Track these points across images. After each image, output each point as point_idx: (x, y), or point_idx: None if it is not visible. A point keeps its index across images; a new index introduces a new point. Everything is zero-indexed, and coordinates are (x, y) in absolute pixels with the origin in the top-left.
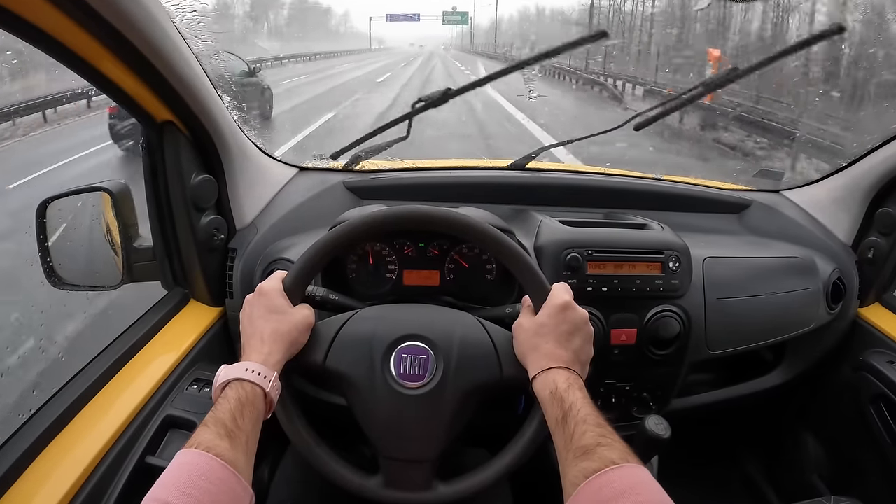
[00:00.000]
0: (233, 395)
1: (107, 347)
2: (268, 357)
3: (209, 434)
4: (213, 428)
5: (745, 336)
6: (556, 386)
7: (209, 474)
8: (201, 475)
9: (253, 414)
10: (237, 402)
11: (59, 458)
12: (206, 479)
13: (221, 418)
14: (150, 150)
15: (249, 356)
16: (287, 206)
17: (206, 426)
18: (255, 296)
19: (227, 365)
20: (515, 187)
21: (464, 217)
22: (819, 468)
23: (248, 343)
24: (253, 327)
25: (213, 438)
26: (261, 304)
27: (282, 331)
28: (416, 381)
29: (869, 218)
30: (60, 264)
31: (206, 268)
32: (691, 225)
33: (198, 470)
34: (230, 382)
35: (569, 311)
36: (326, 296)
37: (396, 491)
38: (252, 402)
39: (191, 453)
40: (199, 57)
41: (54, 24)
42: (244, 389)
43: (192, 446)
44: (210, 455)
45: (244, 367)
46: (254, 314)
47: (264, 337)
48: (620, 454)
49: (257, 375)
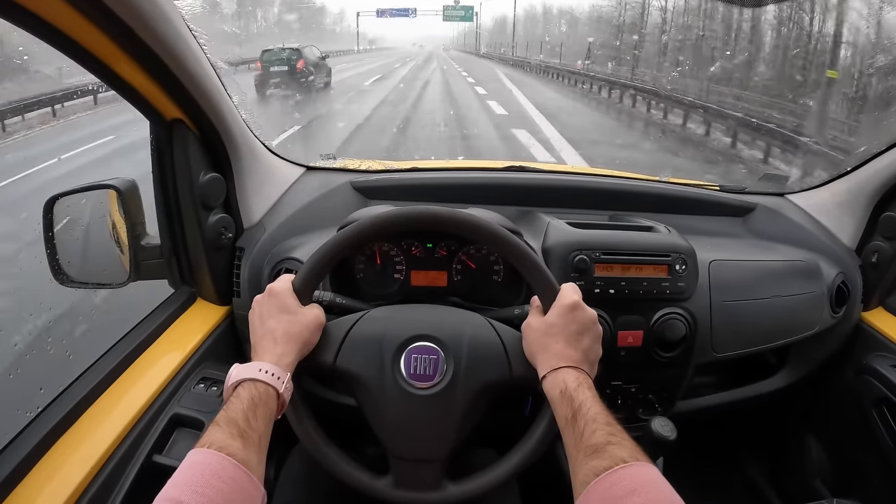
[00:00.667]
0: (245, 394)
1: (114, 346)
2: (281, 358)
3: (221, 434)
4: (225, 427)
5: (750, 339)
6: (566, 385)
7: (222, 473)
8: (214, 474)
9: (265, 414)
10: (250, 401)
11: (66, 456)
12: (219, 478)
13: (234, 418)
14: (158, 148)
15: (262, 356)
16: (295, 206)
17: (219, 425)
18: (266, 296)
19: (240, 364)
20: (522, 189)
21: (472, 217)
22: (821, 471)
23: (260, 343)
24: (264, 328)
25: (225, 438)
26: (272, 305)
27: (293, 331)
28: (427, 382)
29: (873, 222)
30: (69, 262)
31: (214, 266)
32: (696, 228)
33: (210, 469)
34: (243, 382)
35: (578, 310)
36: (333, 299)
37: (407, 491)
38: (265, 403)
39: (203, 452)
40: (209, 55)
41: (68, 20)
42: (257, 389)
43: (205, 446)
44: (222, 454)
45: (257, 366)
46: (264, 315)
47: (276, 337)
48: (630, 452)
49: (270, 376)
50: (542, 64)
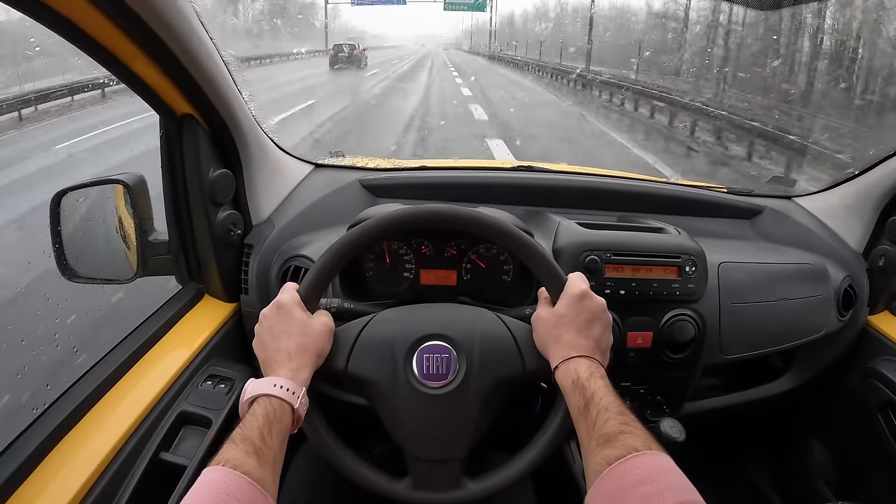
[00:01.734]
0: (261, 411)
1: (121, 342)
2: (296, 373)
3: (237, 452)
4: (241, 445)
5: (758, 341)
6: (578, 375)
7: (237, 492)
8: (229, 493)
9: (280, 431)
10: (265, 418)
11: (73, 453)
12: (235, 497)
13: (249, 436)
14: (168, 143)
15: (277, 371)
16: (304, 203)
17: (234, 443)
18: (273, 310)
19: (255, 379)
20: (531, 188)
21: (480, 214)
22: (825, 474)
23: (274, 358)
24: (277, 343)
25: (240, 456)
26: (281, 320)
27: (307, 344)
28: (440, 381)
29: (880, 226)
30: (76, 257)
31: (222, 263)
32: (704, 229)
33: (226, 488)
34: (258, 398)
35: (586, 299)
36: (342, 305)
37: (426, 492)
38: (280, 419)
39: (219, 471)
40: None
41: (80, 13)
42: (272, 405)
43: (220, 463)
44: (238, 473)
45: (272, 382)
46: (275, 329)
47: (291, 353)
48: (643, 441)
49: (286, 392)
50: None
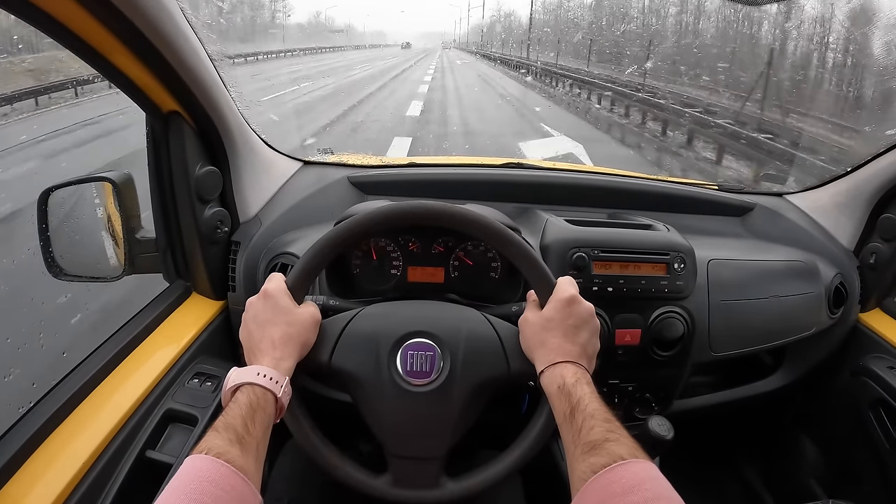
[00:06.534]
0: (244, 399)
1: (107, 340)
2: (280, 362)
3: (220, 440)
4: (224, 433)
5: (747, 338)
6: (564, 381)
7: (220, 481)
8: (212, 481)
9: (264, 420)
10: (248, 407)
11: (58, 451)
12: (218, 485)
13: (232, 424)
14: (155, 141)
15: (261, 360)
16: (291, 200)
17: (217, 431)
18: (260, 299)
19: (238, 368)
20: (520, 185)
21: (468, 212)
22: (816, 472)
23: (258, 347)
24: (262, 331)
25: (224, 444)
26: (267, 308)
27: (291, 333)
28: (424, 378)
29: (871, 224)
30: (62, 255)
31: (209, 260)
32: (694, 227)
33: (209, 476)
34: (241, 386)
35: (575, 304)
36: (327, 302)
37: (405, 489)
38: (263, 408)
39: (201, 459)
40: (207, 48)
41: (64, 9)
42: (255, 394)
43: (203, 452)
44: (221, 461)
45: (255, 370)
46: (260, 317)
47: (275, 341)
48: (629, 449)
49: (269, 380)
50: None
